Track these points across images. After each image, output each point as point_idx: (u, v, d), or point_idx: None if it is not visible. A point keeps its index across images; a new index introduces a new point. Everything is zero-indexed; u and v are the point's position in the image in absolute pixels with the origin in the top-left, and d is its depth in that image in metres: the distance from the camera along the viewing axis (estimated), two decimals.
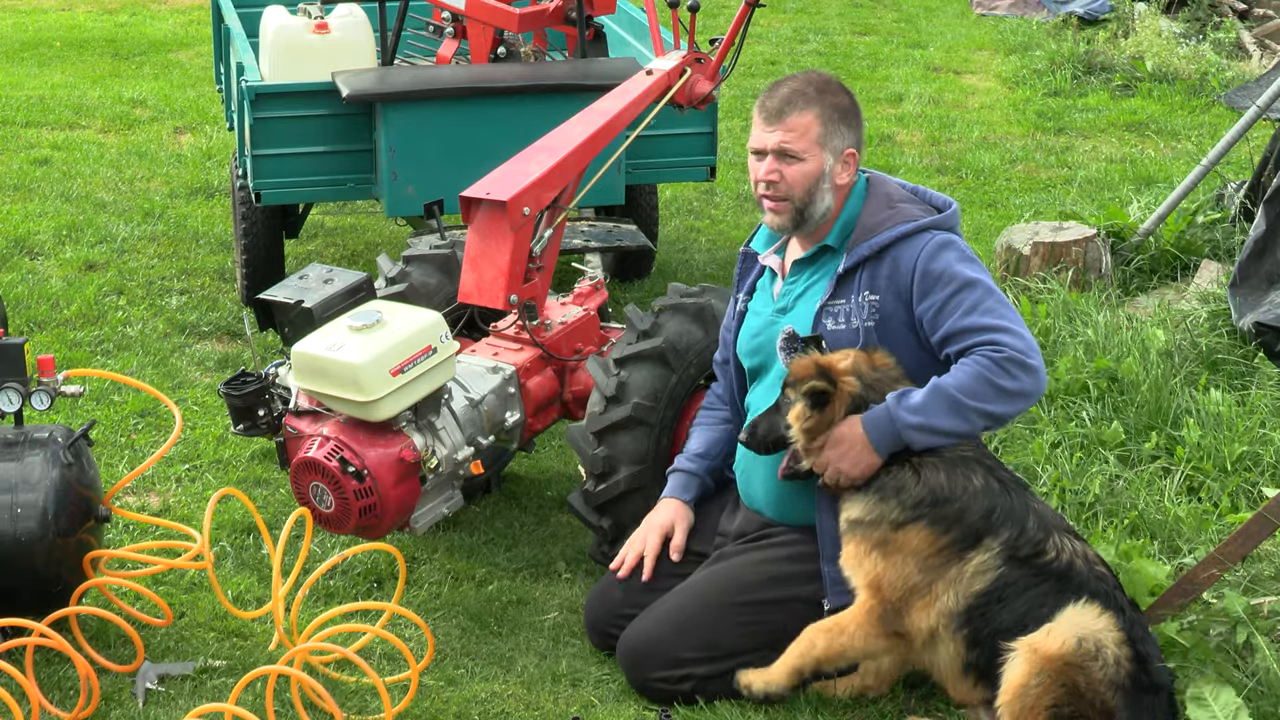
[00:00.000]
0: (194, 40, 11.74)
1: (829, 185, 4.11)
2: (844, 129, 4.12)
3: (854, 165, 4.14)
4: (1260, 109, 6.70)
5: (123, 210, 7.92)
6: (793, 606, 4.15)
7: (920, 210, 4.13)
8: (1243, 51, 11.03)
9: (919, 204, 4.18)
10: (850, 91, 4.18)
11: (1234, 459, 4.99)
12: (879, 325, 4.05)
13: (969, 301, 3.97)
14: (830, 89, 4.13)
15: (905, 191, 4.22)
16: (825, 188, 4.11)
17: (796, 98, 4.10)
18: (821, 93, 4.11)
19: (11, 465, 4.17)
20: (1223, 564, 4.07)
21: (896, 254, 4.04)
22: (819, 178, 4.10)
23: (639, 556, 4.35)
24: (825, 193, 4.11)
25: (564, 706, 4.14)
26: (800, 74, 4.20)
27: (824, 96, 4.11)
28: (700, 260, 7.34)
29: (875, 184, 4.20)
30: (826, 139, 4.09)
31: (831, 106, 4.11)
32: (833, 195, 4.12)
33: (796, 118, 4.09)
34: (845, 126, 4.12)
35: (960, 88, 10.45)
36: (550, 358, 4.86)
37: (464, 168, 5.38)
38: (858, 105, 4.18)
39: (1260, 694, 3.80)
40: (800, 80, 4.15)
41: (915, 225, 4.05)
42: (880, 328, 4.05)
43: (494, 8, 6.39)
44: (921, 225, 4.05)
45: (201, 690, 4.19)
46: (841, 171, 4.12)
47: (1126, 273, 6.62)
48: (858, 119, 4.16)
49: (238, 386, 4.44)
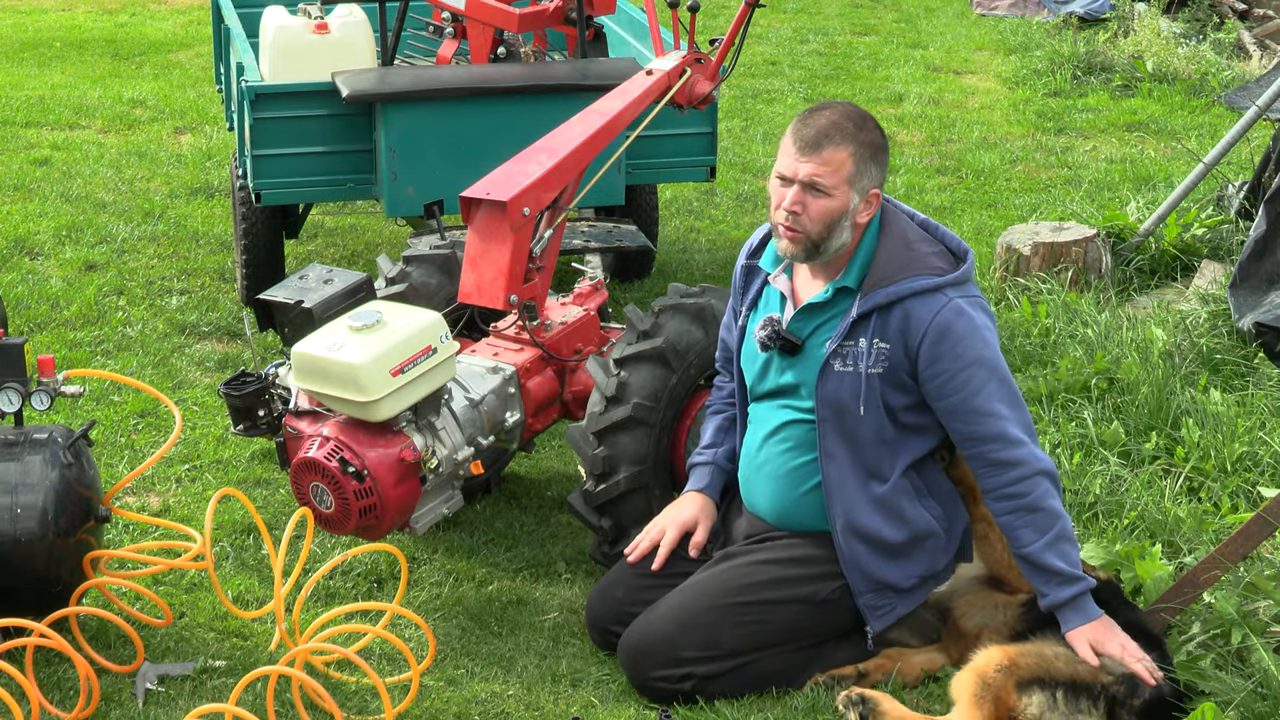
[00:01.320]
0: (194, 40, 11.74)
1: (849, 223, 4.05)
2: (874, 168, 4.06)
3: (876, 205, 4.09)
4: (1260, 109, 6.70)
5: (123, 210, 7.92)
6: (795, 607, 4.16)
7: (937, 256, 4.09)
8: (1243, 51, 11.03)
9: (934, 246, 4.13)
10: (882, 130, 4.12)
11: (1234, 459, 4.99)
12: (884, 375, 4.05)
13: (975, 383, 4.00)
14: (867, 126, 4.06)
15: (920, 231, 4.16)
16: (845, 225, 4.05)
17: (834, 131, 4.01)
18: (859, 129, 4.04)
19: (11, 465, 4.17)
20: (1223, 564, 4.07)
21: (909, 308, 4.02)
22: (841, 215, 4.04)
23: (653, 545, 4.36)
24: (844, 230, 4.05)
25: (564, 706, 4.14)
26: (839, 105, 4.11)
27: (861, 133, 4.03)
28: (700, 260, 7.35)
29: (890, 221, 4.13)
30: (856, 177, 4.02)
31: (866, 144, 4.03)
32: (850, 233, 4.08)
33: (832, 152, 4.00)
34: (875, 166, 4.06)
35: (960, 88, 10.45)
36: (550, 358, 4.86)
37: (464, 168, 5.38)
38: (887, 144, 4.12)
39: (1260, 697, 3.80)
40: (839, 112, 4.06)
41: (933, 284, 4.02)
42: (885, 376, 4.05)
43: (494, 8, 6.39)
44: (939, 284, 4.03)
45: (201, 690, 4.19)
46: (864, 210, 4.07)
47: (1126, 273, 6.62)
48: (886, 157, 4.11)
49: (238, 386, 4.44)
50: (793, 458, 4.20)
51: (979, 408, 4.00)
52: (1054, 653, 3.88)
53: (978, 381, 4.00)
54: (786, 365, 4.19)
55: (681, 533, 4.37)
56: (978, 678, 3.84)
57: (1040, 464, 4.00)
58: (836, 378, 4.07)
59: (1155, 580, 4.27)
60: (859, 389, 4.05)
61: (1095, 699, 3.78)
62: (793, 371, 4.18)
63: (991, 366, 4.01)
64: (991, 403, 4.00)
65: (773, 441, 4.24)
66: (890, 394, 4.05)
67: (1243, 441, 5.05)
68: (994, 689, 3.80)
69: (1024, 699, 3.79)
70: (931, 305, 4.01)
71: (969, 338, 4.01)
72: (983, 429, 4.01)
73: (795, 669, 4.16)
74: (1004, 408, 4.00)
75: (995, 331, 4.10)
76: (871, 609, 4.15)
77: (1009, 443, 3.99)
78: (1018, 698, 3.79)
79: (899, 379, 4.05)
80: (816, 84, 10.53)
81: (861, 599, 4.15)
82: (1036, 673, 3.82)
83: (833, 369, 4.08)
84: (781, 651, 4.16)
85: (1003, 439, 3.99)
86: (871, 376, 4.04)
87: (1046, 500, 3.99)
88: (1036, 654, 3.88)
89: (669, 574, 4.33)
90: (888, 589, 4.14)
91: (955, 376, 4.00)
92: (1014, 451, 3.98)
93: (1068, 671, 3.82)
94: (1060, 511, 4.01)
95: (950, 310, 4.01)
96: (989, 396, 4.00)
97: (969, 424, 4.02)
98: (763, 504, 4.30)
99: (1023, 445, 3.99)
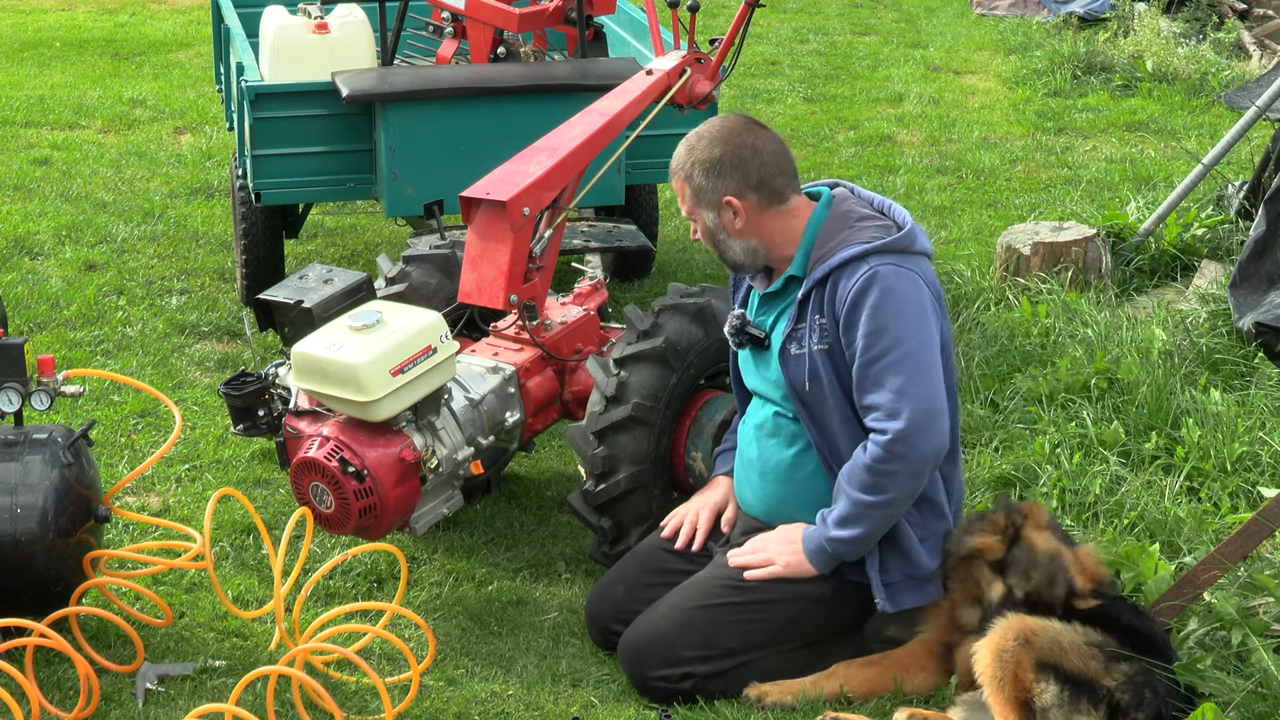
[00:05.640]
0: (194, 40, 11.74)
1: (726, 236, 4.13)
2: (713, 181, 4.09)
3: (744, 209, 4.10)
4: (1260, 109, 6.70)
5: (123, 210, 7.92)
6: (792, 605, 4.15)
7: (876, 230, 4.08)
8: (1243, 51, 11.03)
9: (879, 222, 4.11)
10: (731, 137, 4.11)
11: (1234, 459, 4.99)
12: (829, 351, 4.06)
13: (875, 352, 3.96)
14: (700, 145, 4.12)
15: (868, 209, 4.16)
16: (724, 238, 4.14)
17: (672, 164, 4.19)
18: (690, 152, 4.13)
19: (11, 465, 4.17)
20: (1223, 564, 4.07)
21: (837, 279, 4.03)
22: (713, 233, 4.15)
23: (693, 529, 4.40)
24: (730, 242, 4.14)
25: (564, 706, 4.14)
26: (689, 132, 4.20)
27: (690, 156, 4.13)
28: (700, 260, 7.35)
29: (837, 202, 4.16)
30: (699, 197, 4.13)
31: (696, 164, 4.11)
32: (744, 240, 4.13)
33: (675, 185, 4.19)
34: (713, 178, 4.09)
35: (960, 88, 10.45)
36: (550, 358, 4.86)
37: (464, 168, 5.38)
38: (735, 150, 4.09)
39: (1260, 697, 3.80)
40: (682, 142, 4.18)
41: (858, 250, 4.01)
42: (830, 353, 4.06)
43: (494, 8, 6.39)
44: (863, 251, 4.01)
45: (201, 690, 4.19)
46: (734, 219, 4.11)
47: (1126, 273, 6.62)
48: (730, 165, 4.08)
49: (238, 386, 4.44)
50: (777, 451, 4.21)
51: (870, 376, 3.98)
52: (1069, 642, 3.85)
53: (877, 349, 3.97)
54: (761, 360, 4.23)
55: (714, 514, 4.41)
56: (995, 654, 3.82)
57: (906, 448, 3.94)
58: (793, 361, 4.09)
59: (1155, 580, 4.27)
60: (809, 368, 4.06)
61: (1097, 702, 3.76)
62: (766, 366, 4.20)
63: (896, 337, 3.97)
64: (886, 375, 3.96)
65: (759, 436, 4.26)
66: (842, 370, 4.05)
67: (1243, 441, 5.05)
68: (1011, 665, 3.78)
69: (1040, 683, 3.77)
70: (854, 273, 4.00)
71: (882, 306, 3.97)
72: (869, 398, 3.99)
73: (794, 667, 4.16)
74: (897, 380, 3.95)
75: (925, 304, 4.02)
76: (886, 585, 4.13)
77: (886, 414, 3.96)
78: (1034, 679, 3.77)
79: (841, 352, 4.05)
80: (816, 84, 10.53)
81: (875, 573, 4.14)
82: (1052, 657, 3.80)
83: (789, 353, 4.10)
84: (780, 650, 4.16)
85: (881, 410, 3.97)
86: (818, 354, 4.05)
87: (881, 479, 3.96)
88: (1053, 637, 3.85)
89: (670, 572, 4.33)
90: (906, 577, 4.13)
91: (858, 341, 3.98)
92: (885, 423, 3.96)
93: (1078, 665, 3.80)
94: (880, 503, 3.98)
95: (867, 277, 3.99)
96: (884, 368, 3.96)
97: (861, 390, 4.01)
98: (752, 499, 4.31)
99: (896, 418, 3.94)
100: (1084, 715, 3.76)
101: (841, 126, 9.51)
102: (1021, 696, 3.78)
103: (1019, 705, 3.76)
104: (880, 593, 4.11)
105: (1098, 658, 3.83)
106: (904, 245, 4.04)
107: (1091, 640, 3.87)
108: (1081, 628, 3.90)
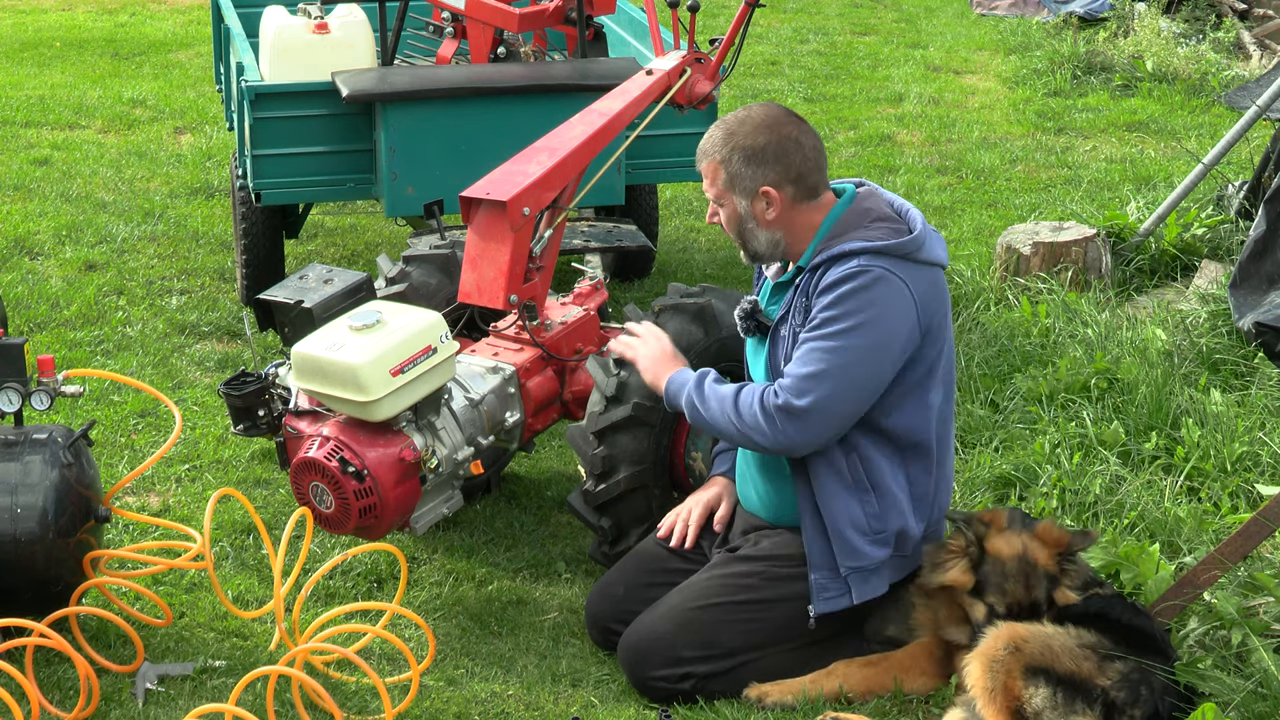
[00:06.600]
0: (194, 40, 11.74)
1: (755, 225, 4.10)
2: (752, 169, 4.06)
3: (779, 201, 4.07)
4: (1260, 109, 6.70)
5: (123, 210, 7.92)
6: (792, 605, 4.16)
7: (888, 232, 4.04)
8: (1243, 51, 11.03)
9: (893, 225, 4.08)
10: (776, 126, 4.08)
11: (1234, 459, 4.99)
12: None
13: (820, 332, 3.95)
14: (742, 130, 4.08)
15: (889, 210, 4.13)
16: (752, 227, 4.11)
17: (706, 145, 4.13)
18: (730, 135, 4.09)
19: (11, 465, 4.17)
20: (1223, 564, 4.07)
21: (828, 267, 4.02)
22: (740, 220, 4.11)
23: (686, 525, 4.40)
24: (757, 231, 4.11)
25: (564, 706, 4.14)
26: (730, 115, 4.16)
27: (731, 140, 4.08)
28: (700, 260, 7.35)
29: (859, 199, 4.13)
30: (733, 183, 4.08)
31: (737, 149, 4.06)
32: (771, 231, 4.10)
33: (705, 167, 4.13)
34: (753, 166, 4.06)
35: (960, 88, 10.45)
36: (550, 358, 4.86)
37: (464, 168, 5.38)
38: (780, 141, 4.06)
39: (1260, 697, 3.80)
40: (719, 124, 4.14)
41: (856, 247, 3.99)
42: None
43: (494, 8, 6.39)
44: (862, 249, 3.99)
45: (201, 690, 4.19)
46: (767, 209, 4.08)
47: (1126, 273, 6.62)
48: (774, 155, 4.05)
49: (238, 386, 4.44)
50: None
51: (803, 348, 3.97)
52: (1060, 645, 3.86)
53: (823, 331, 3.95)
54: (764, 349, 4.22)
55: (707, 510, 4.41)
56: (986, 665, 3.82)
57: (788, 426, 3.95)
58: (780, 343, 4.10)
59: (1155, 580, 4.27)
60: (786, 351, 4.07)
61: (1091, 702, 3.76)
62: (767, 354, 4.19)
63: (846, 330, 3.93)
64: (816, 356, 3.94)
65: None
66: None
67: (1242, 441, 5.05)
68: (1002, 675, 3.78)
69: (1029, 689, 3.77)
70: (844, 265, 3.99)
71: (850, 298, 3.94)
72: (790, 367, 3.99)
73: (794, 667, 4.16)
74: (822, 367, 3.93)
75: (898, 316, 3.96)
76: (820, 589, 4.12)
77: (794, 390, 3.95)
78: (1023, 685, 3.78)
79: None
80: (816, 84, 10.53)
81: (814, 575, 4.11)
82: (1042, 661, 3.81)
83: (779, 335, 4.10)
84: (780, 650, 4.16)
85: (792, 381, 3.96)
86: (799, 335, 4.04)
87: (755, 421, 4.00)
88: (1043, 642, 3.85)
89: (670, 572, 4.34)
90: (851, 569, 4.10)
91: (815, 316, 3.97)
92: (789, 396, 3.95)
93: (1070, 667, 3.81)
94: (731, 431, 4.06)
95: (853, 270, 3.96)
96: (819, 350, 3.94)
97: (789, 358, 4.02)
98: (755, 499, 4.31)
99: (802, 397, 3.93)
100: (1079, 716, 3.76)
101: (842, 126, 9.52)
102: (1013, 705, 3.78)
103: (1011, 715, 3.76)
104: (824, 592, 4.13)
105: (1091, 658, 3.83)
106: (907, 251, 4.01)
107: (1085, 642, 3.87)
108: (1075, 629, 3.89)
